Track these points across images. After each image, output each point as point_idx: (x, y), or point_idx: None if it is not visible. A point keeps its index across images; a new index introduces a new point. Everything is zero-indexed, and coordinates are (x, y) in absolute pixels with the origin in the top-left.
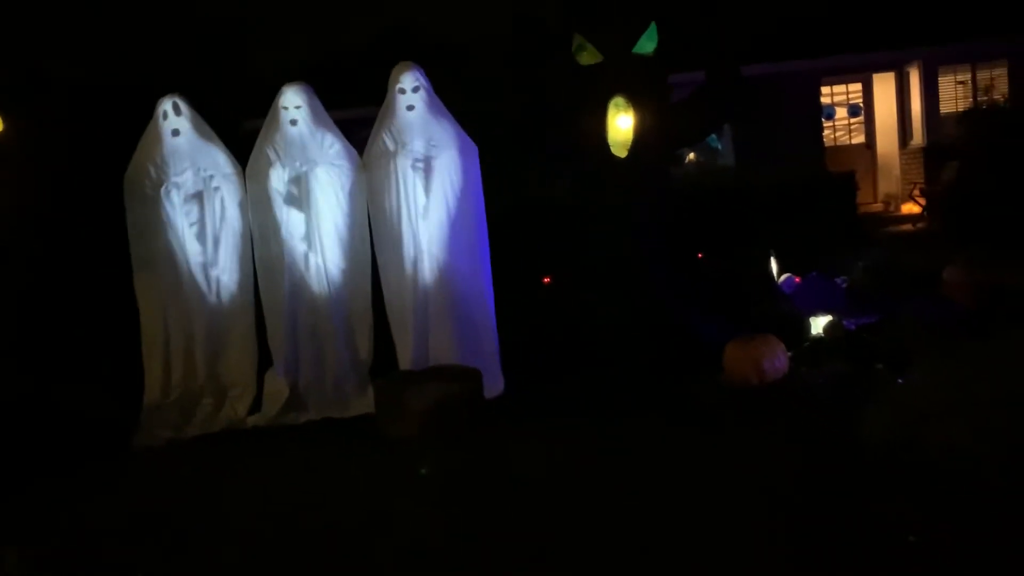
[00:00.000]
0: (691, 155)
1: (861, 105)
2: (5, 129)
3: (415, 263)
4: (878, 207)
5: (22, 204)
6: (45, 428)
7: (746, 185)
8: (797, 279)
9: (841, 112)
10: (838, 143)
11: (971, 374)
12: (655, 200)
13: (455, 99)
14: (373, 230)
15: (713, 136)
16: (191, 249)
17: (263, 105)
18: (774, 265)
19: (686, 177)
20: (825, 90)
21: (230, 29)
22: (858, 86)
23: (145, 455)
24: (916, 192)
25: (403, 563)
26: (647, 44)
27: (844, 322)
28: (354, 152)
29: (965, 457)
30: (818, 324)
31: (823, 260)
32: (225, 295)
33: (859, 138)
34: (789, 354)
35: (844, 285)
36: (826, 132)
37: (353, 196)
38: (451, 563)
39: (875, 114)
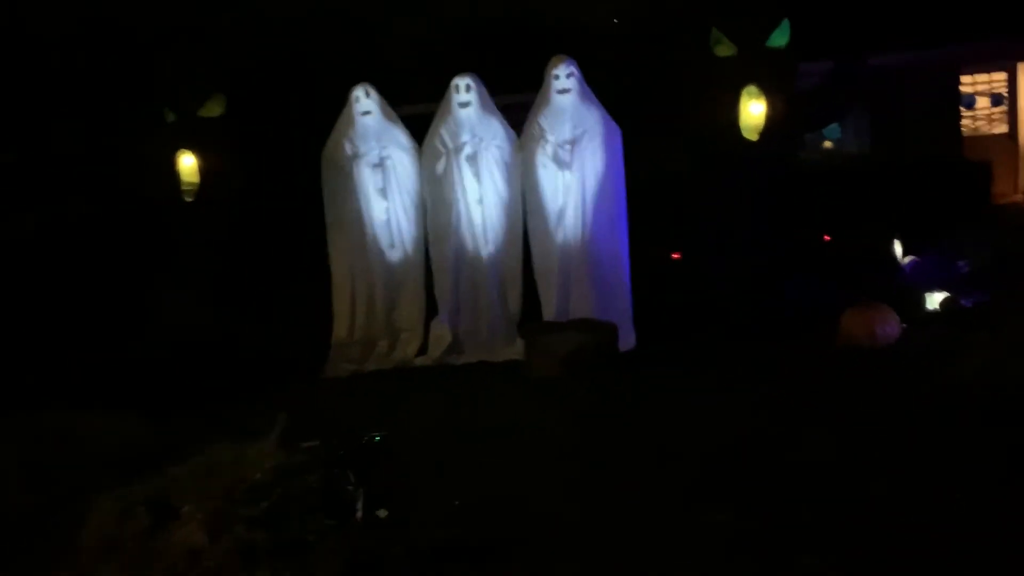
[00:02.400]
0: (828, 142)
1: (1004, 95)
2: (225, 111)
3: (560, 230)
4: (1018, 198)
5: (234, 173)
6: (253, 359)
7: (879, 171)
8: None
9: (983, 101)
10: (979, 132)
11: None
12: (779, 180)
13: (596, 79)
14: (525, 201)
15: (832, 126)
16: (375, 213)
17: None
18: (898, 247)
19: (822, 161)
20: (966, 79)
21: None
22: (1003, 75)
23: (333, 383)
24: None
25: (539, 469)
26: (780, 38)
27: (960, 299)
28: (512, 133)
29: None
30: (934, 299)
31: (950, 244)
32: (401, 253)
33: (1001, 128)
34: (903, 325)
35: (966, 268)
36: (966, 121)
37: (510, 171)
38: (574, 473)
39: (1019, 104)
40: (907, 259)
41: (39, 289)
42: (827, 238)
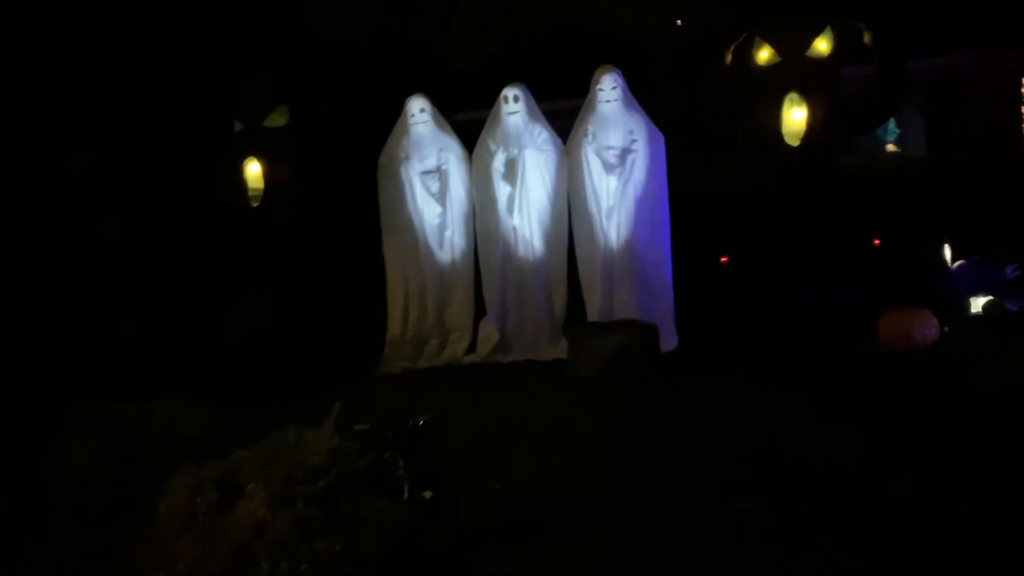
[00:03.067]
0: (891, 146)
1: None
2: (288, 121)
3: (604, 234)
4: None
5: (297, 180)
6: (313, 355)
7: (934, 175)
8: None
9: None
10: None
11: None
12: (823, 185)
13: (641, 86)
14: (571, 206)
15: (886, 127)
16: (427, 219)
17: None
18: (948, 251)
19: (877, 165)
20: None
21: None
22: None
23: (387, 379)
24: None
25: (576, 460)
26: (821, 45)
27: (1007, 303)
28: (558, 140)
29: None
30: (978, 303)
31: (1001, 249)
32: (451, 257)
33: None
34: (945, 328)
35: (1014, 273)
36: None
37: (556, 177)
38: (609, 465)
39: None
40: (955, 264)
41: (120, 289)
42: (877, 242)
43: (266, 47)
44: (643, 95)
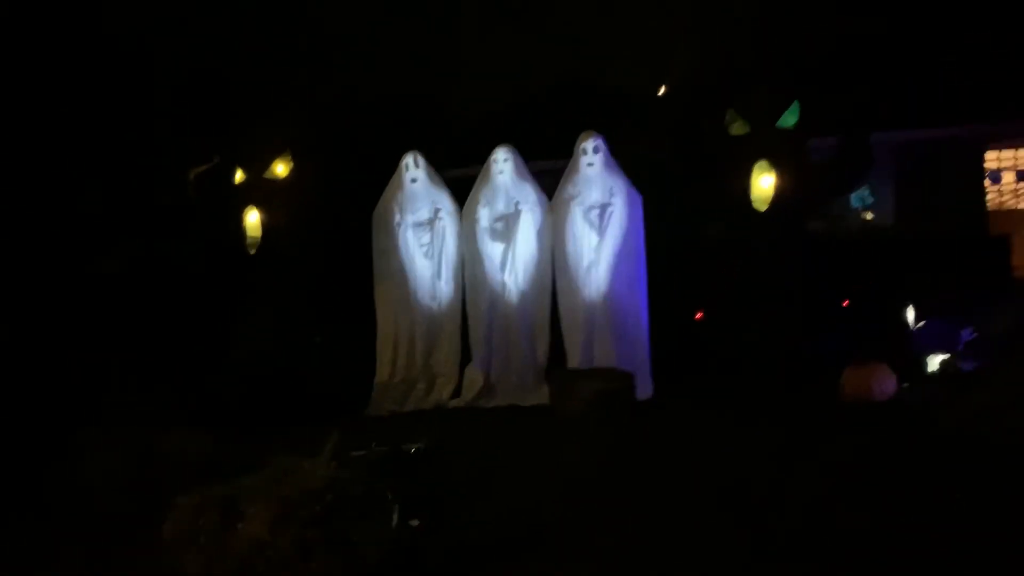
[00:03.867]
0: (868, 215)
1: None
2: (291, 170)
3: (585, 287)
4: None
5: (294, 229)
6: (307, 394)
7: (902, 241)
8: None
9: (1008, 176)
10: (1004, 207)
11: None
12: (791, 247)
13: (623, 147)
14: (555, 260)
15: (859, 194)
16: (418, 269)
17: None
18: (911, 313)
19: (846, 232)
20: (991, 155)
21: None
22: None
23: (374, 421)
24: None
25: (565, 494)
26: (789, 118)
27: (960, 362)
28: (544, 198)
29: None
30: (934, 362)
31: (960, 312)
32: (439, 305)
33: None
34: (905, 384)
35: (971, 335)
36: (992, 196)
37: (541, 233)
38: (597, 497)
39: None
40: (920, 323)
41: (127, 320)
42: (846, 303)
43: (272, 101)
44: (626, 156)
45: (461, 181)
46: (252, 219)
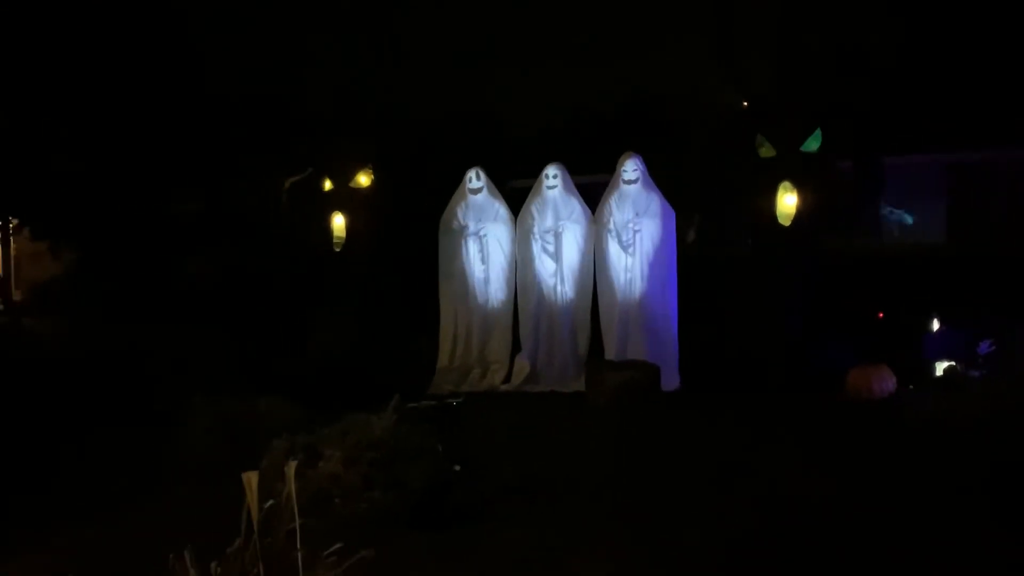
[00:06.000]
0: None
1: None
2: (372, 181)
3: (622, 289)
4: None
5: (374, 232)
6: (373, 377)
7: (948, 259)
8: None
9: None
10: None
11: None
12: (808, 258)
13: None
14: (596, 266)
15: (901, 216)
16: (477, 270)
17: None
18: (935, 323)
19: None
20: None
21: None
22: None
23: (446, 399)
24: None
25: (575, 455)
26: (812, 143)
27: (969, 370)
28: (589, 212)
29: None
30: (940, 367)
31: (997, 327)
32: (494, 302)
33: None
34: (910, 386)
35: (989, 348)
36: None
37: (586, 243)
38: (627, 472)
39: None
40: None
41: (229, 310)
42: (880, 315)
43: (356, 120)
44: (660, 177)
45: (522, 191)
46: (338, 222)
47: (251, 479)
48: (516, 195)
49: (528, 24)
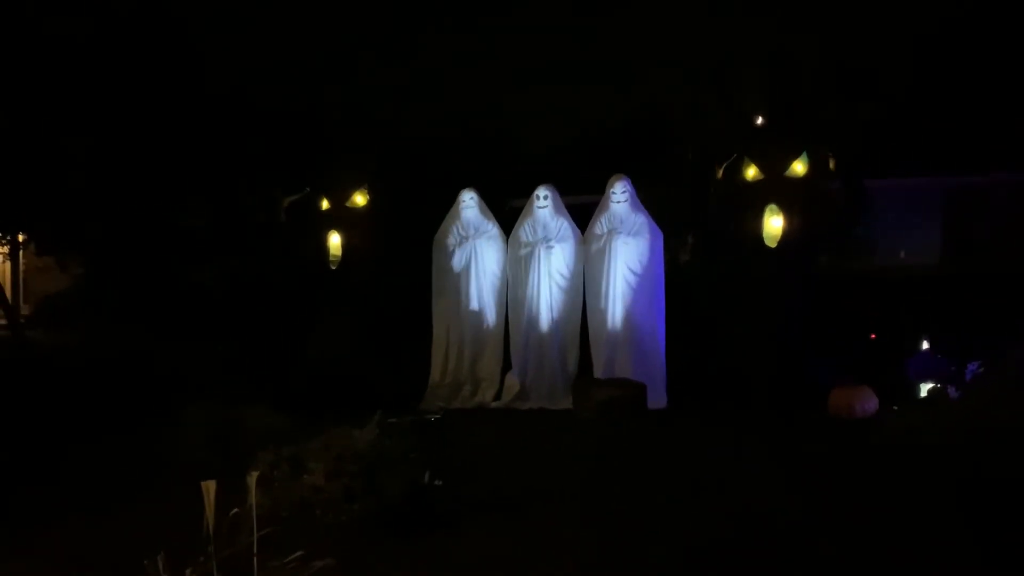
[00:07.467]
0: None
1: None
2: (368, 201)
3: (610, 309)
4: None
5: (368, 250)
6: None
7: (939, 279)
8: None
9: None
10: None
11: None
12: (795, 279)
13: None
14: (585, 285)
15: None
16: (470, 288)
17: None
18: (925, 344)
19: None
20: None
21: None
22: None
23: (425, 415)
24: None
25: (558, 467)
26: (798, 167)
27: (949, 390)
28: (578, 231)
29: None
30: (925, 388)
31: (985, 348)
32: (486, 320)
33: None
34: (894, 407)
35: (978, 369)
36: None
37: (574, 260)
38: (604, 485)
39: None
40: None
41: (224, 321)
42: (873, 336)
43: (353, 141)
44: (648, 198)
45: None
46: (334, 241)
47: (209, 487)
48: (515, 215)
49: (526, 47)
